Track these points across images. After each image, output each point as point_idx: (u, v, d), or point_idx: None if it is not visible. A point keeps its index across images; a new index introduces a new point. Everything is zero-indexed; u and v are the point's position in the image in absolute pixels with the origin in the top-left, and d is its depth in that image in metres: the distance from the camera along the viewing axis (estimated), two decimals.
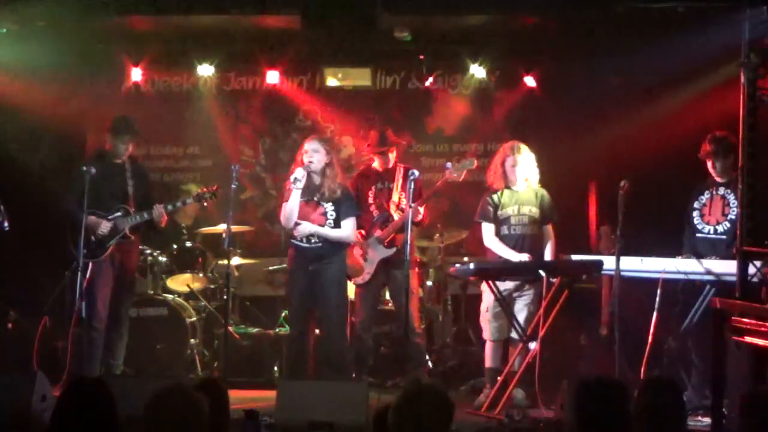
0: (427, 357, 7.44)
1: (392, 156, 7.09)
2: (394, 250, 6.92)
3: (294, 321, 6.80)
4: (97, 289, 6.62)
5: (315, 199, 6.60)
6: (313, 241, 6.58)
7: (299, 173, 6.47)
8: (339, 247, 6.68)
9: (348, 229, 6.64)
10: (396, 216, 6.94)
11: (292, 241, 6.66)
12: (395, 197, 7.01)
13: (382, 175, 7.08)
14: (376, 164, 7.13)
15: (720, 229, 6.45)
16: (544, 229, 6.79)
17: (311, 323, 6.80)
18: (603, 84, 8.04)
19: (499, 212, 6.73)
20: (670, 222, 7.00)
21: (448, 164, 6.89)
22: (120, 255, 6.81)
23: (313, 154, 6.54)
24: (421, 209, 6.75)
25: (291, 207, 6.49)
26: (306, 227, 6.53)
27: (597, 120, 8.17)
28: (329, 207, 6.60)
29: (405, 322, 6.49)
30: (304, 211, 6.56)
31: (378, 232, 6.93)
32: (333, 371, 6.56)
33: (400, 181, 7.02)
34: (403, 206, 6.90)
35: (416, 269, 7.21)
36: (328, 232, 6.59)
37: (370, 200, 7.00)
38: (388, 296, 7.49)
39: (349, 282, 6.92)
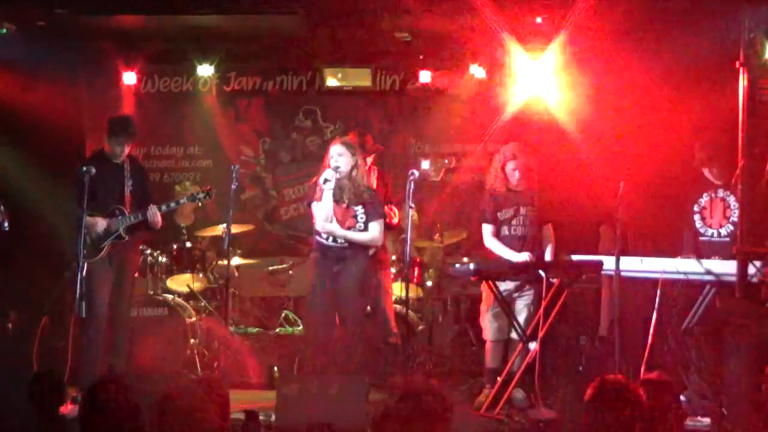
0: (426, 356, 7.47)
1: (369, 160, 7.11)
2: (372, 250, 6.94)
3: (315, 321, 6.72)
4: (96, 290, 6.60)
5: (345, 201, 6.58)
6: (339, 241, 6.57)
7: (329, 174, 6.46)
8: (363, 248, 6.65)
9: (375, 231, 6.60)
10: None
11: (318, 239, 6.63)
12: None
13: None
14: None
15: (723, 232, 6.43)
16: (544, 230, 6.80)
17: (334, 323, 6.77)
18: (602, 83, 8.03)
19: (499, 213, 6.74)
20: (670, 222, 7.01)
21: (424, 164, 6.86)
22: (118, 255, 6.80)
23: (338, 157, 6.52)
24: (396, 211, 6.81)
25: (327, 208, 6.47)
26: (335, 229, 6.52)
27: (596, 119, 8.17)
28: (359, 210, 6.57)
29: (405, 322, 6.51)
30: (335, 212, 6.55)
31: None
32: (346, 370, 6.55)
33: (374, 182, 7.04)
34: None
35: (390, 269, 7.26)
36: (356, 236, 6.54)
37: None
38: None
39: None
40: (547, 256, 6.71)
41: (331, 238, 6.55)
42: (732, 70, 5.91)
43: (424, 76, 8.68)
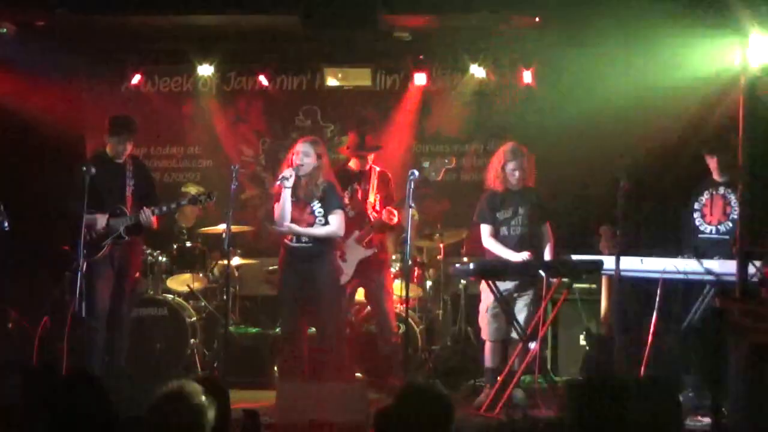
0: (426, 356, 7.47)
1: (370, 158, 7.11)
2: (373, 251, 6.94)
3: (286, 321, 6.77)
4: (96, 290, 6.60)
5: (303, 198, 6.60)
6: (304, 240, 6.58)
7: (288, 173, 6.50)
8: (330, 245, 6.66)
9: (335, 223, 6.60)
10: (372, 217, 6.97)
11: (284, 241, 6.65)
12: (371, 198, 7.03)
13: (358, 176, 7.08)
14: (352, 164, 7.14)
15: (722, 228, 6.45)
16: (543, 229, 6.81)
17: (304, 324, 6.81)
18: (602, 84, 8.03)
19: (497, 213, 6.74)
20: (670, 222, 7.01)
21: (425, 164, 6.89)
22: (119, 255, 6.79)
23: (304, 157, 6.55)
24: (396, 212, 6.81)
25: (284, 206, 6.50)
26: (294, 228, 6.54)
27: (597, 120, 8.17)
28: (316, 205, 6.59)
29: (406, 322, 6.49)
30: (294, 210, 6.56)
31: (356, 233, 6.93)
32: (332, 371, 6.56)
33: (375, 182, 7.05)
34: (378, 208, 6.98)
35: (390, 269, 7.28)
36: (316, 231, 6.57)
37: (346, 201, 6.96)
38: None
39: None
40: (547, 256, 6.72)
41: (295, 239, 6.57)
42: (732, 70, 5.92)
43: (420, 79, 8.70)
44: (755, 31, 6.29)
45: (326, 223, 6.60)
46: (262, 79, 8.78)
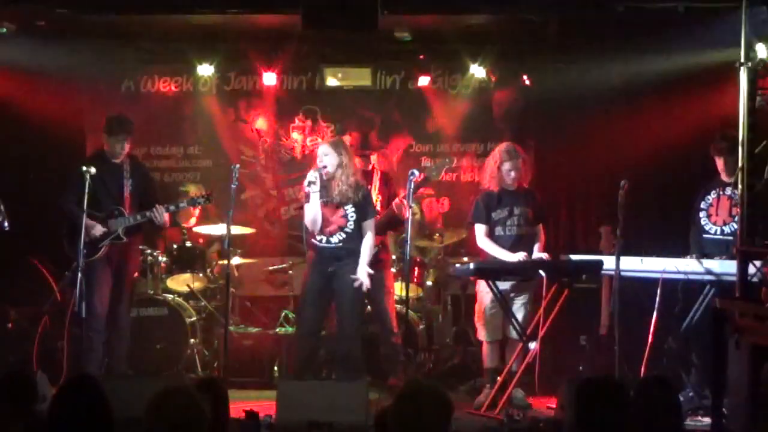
0: (426, 356, 7.47)
1: (373, 159, 7.11)
2: (375, 250, 6.94)
3: (306, 320, 6.73)
4: (94, 290, 6.60)
5: (334, 201, 6.56)
6: (334, 241, 6.56)
7: (312, 176, 6.47)
8: (357, 247, 6.64)
9: (371, 231, 6.57)
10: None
11: (312, 241, 6.62)
12: (373, 198, 7.03)
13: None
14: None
15: (727, 229, 6.44)
16: (536, 230, 6.81)
17: (322, 323, 6.79)
18: (603, 83, 8.04)
19: (493, 213, 6.73)
20: (670, 222, 7.01)
21: (426, 164, 6.90)
22: (117, 256, 6.79)
23: (323, 157, 6.52)
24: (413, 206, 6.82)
25: (314, 210, 6.46)
26: (361, 273, 6.44)
27: (597, 120, 8.18)
28: (349, 209, 6.55)
29: (406, 322, 6.51)
30: (324, 213, 6.52)
31: None
32: (346, 371, 6.55)
33: (378, 183, 7.05)
34: (380, 208, 6.97)
35: (391, 269, 7.27)
36: (366, 252, 6.48)
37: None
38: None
39: None
40: (535, 255, 6.71)
41: (324, 239, 6.54)
42: (732, 70, 5.91)
43: (423, 80, 8.70)
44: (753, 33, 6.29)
45: (356, 227, 6.55)
46: (263, 79, 8.77)
